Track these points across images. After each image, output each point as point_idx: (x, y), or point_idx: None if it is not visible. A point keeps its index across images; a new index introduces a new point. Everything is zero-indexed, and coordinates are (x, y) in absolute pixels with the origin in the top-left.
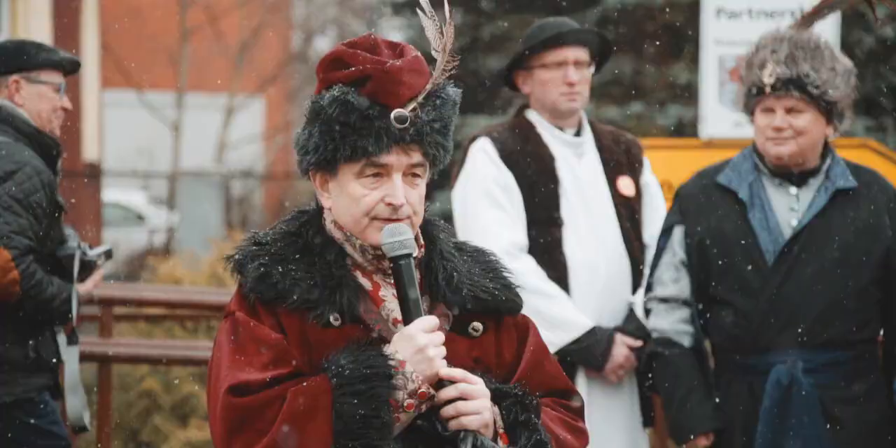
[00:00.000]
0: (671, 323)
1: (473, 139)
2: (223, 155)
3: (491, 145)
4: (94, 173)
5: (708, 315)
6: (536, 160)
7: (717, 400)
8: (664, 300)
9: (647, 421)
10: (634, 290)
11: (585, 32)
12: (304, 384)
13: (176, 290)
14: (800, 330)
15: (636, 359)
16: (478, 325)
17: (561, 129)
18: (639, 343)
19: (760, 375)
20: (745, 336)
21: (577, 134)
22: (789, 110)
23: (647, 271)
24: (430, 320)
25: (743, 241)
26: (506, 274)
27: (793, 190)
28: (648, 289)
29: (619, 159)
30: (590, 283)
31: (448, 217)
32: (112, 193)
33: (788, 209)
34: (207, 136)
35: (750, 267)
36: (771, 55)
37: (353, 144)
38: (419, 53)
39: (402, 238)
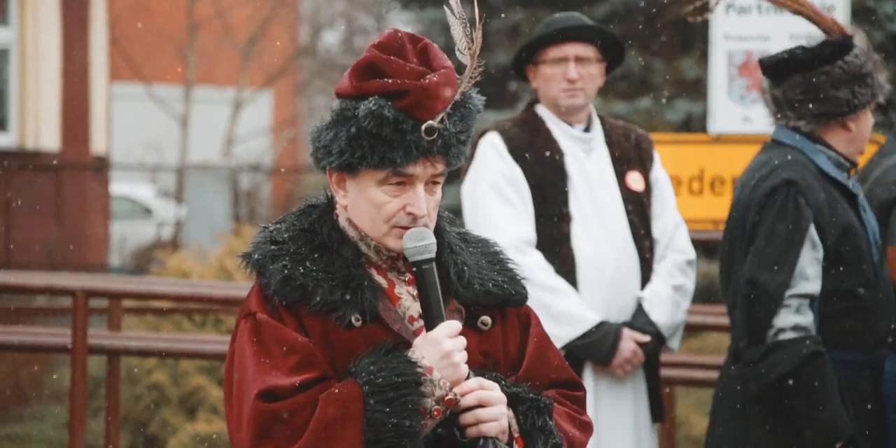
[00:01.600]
0: (812, 321)
1: (482, 133)
2: (231, 148)
3: (500, 140)
4: (102, 166)
5: (824, 309)
6: (545, 155)
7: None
8: (805, 296)
9: (657, 416)
10: (643, 285)
11: (587, 28)
12: (336, 391)
13: (184, 284)
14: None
15: (643, 354)
16: (487, 318)
17: (570, 124)
18: (646, 338)
19: (869, 369)
20: (864, 330)
21: (587, 129)
22: None
23: (657, 266)
24: (454, 325)
25: (863, 236)
26: (511, 265)
27: (858, 187)
28: (786, 284)
29: (628, 154)
30: (598, 279)
31: (456, 212)
32: (120, 187)
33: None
34: (215, 129)
35: (869, 261)
36: None
37: (381, 155)
38: (447, 60)
39: (425, 242)
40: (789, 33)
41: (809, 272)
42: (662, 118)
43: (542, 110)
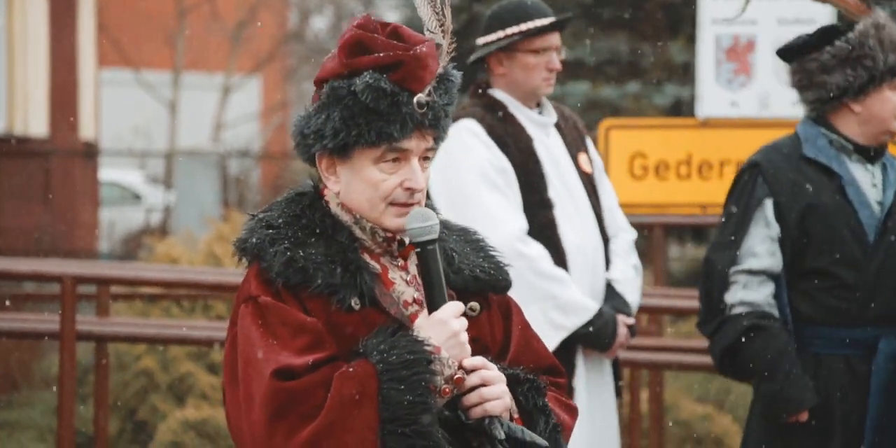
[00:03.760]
0: (765, 296)
1: (454, 120)
2: (220, 134)
3: (479, 127)
4: (90, 152)
5: (801, 287)
6: (518, 141)
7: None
8: (755, 273)
9: (617, 392)
10: (606, 264)
11: (568, 19)
12: (350, 370)
13: (173, 270)
14: None
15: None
16: (475, 304)
17: (529, 108)
18: (632, 320)
19: (860, 349)
20: (847, 309)
21: (540, 113)
22: None
23: (614, 246)
24: (458, 306)
25: (844, 216)
26: (494, 252)
27: (869, 167)
28: (733, 261)
29: (574, 136)
30: (583, 264)
31: None
32: (109, 173)
33: (871, 185)
34: (204, 115)
35: (853, 241)
36: None
37: (378, 130)
38: (422, 36)
39: (430, 223)
40: (777, 17)
41: (759, 249)
42: (651, 102)
43: (500, 95)
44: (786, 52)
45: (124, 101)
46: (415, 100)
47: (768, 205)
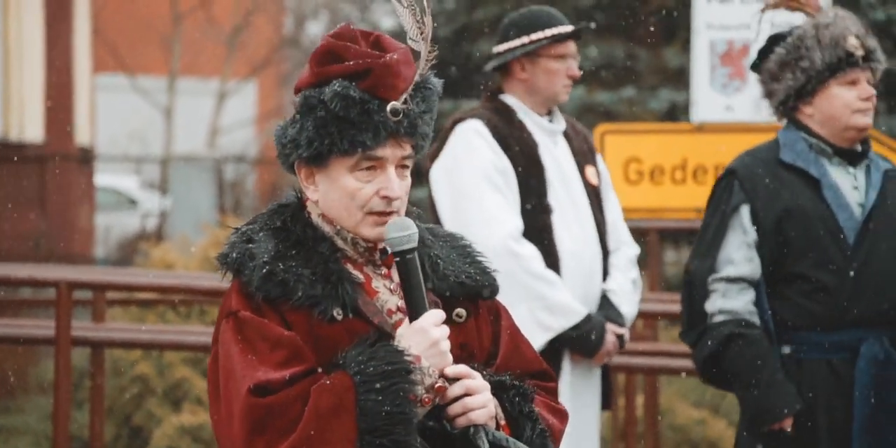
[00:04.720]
0: (744, 304)
1: (457, 121)
2: (216, 139)
3: (484, 127)
4: (86, 158)
5: (782, 293)
6: (523, 145)
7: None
8: (733, 280)
9: (606, 404)
10: (604, 276)
11: (585, 28)
12: (328, 382)
13: (168, 275)
14: (886, 307)
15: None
16: (461, 310)
17: (539, 115)
18: (623, 330)
19: (844, 352)
20: (829, 313)
21: (550, 121)
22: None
23: (614, 259)
24: (439, 314)
25: (822, 219)
26: (480, 258)
27: (850, 169)
28: (711, 269)
29: (582, 147)
30: (577, 270)
31: (415, 202)
32: (104, 178)
33: (852, 188)
34: (200, 120)
35: (832, 244)
36: (849, 30)
37: (350, 139)
38: (402, 44)
39: (409, 232)
40: (772, 22)
41: (736, 256)
42: (646, 107)
43: (510, 100)
44: (753, 65)
45: (120, 106)
46: (388, 107)
47: (744, 211)
